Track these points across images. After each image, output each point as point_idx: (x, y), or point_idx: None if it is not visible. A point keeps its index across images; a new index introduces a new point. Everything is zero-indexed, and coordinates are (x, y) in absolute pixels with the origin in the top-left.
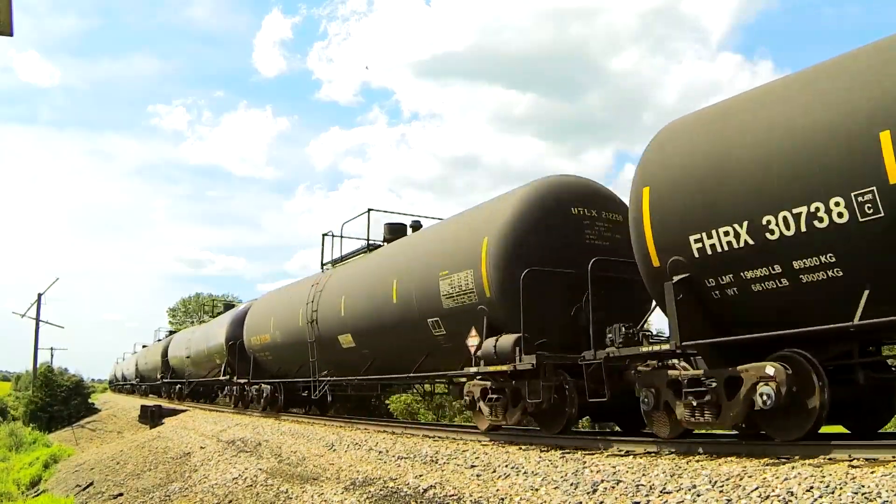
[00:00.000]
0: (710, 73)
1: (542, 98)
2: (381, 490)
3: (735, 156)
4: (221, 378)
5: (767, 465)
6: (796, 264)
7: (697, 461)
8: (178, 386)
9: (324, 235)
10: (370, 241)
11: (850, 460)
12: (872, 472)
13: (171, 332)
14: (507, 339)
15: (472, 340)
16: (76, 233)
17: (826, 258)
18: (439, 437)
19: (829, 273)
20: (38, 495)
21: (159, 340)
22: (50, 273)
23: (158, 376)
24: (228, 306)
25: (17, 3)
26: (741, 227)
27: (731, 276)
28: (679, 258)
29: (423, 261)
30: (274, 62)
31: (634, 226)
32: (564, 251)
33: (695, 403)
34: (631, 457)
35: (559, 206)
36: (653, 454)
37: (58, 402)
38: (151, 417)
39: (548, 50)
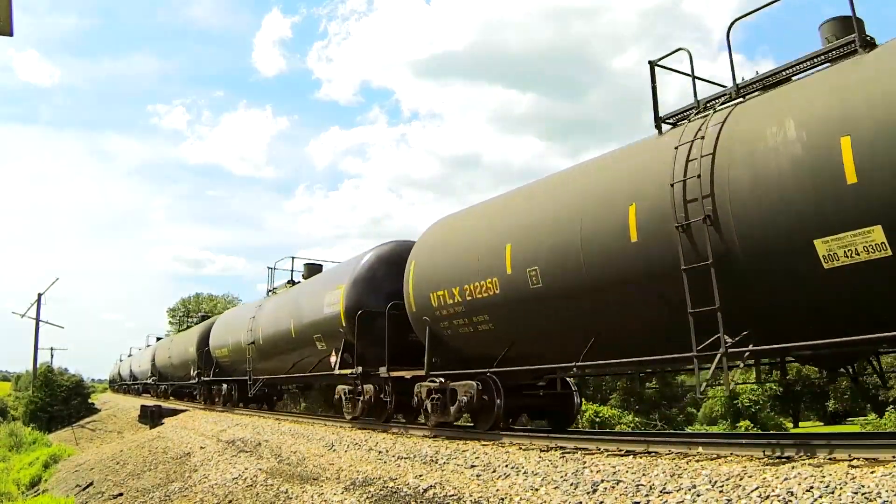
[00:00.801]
0: (711, 73)
1: (543, 97)
2: (381, 490)
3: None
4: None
5: (767, 465)
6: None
7: (697, 461)
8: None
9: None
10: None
11: (850, 460)
12: (872, 472)
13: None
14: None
15: (333, 358)
16: (76, 233)
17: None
18: (439, 437)
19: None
20: (38, 495)
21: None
22: (50, 273)
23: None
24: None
25: (16, 3)
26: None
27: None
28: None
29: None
30: (274, 62)
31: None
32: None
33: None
34: (631, 457)
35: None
36: (653, 454)
37: (58, 402)
38: (151, 417)
39: (548, 49)
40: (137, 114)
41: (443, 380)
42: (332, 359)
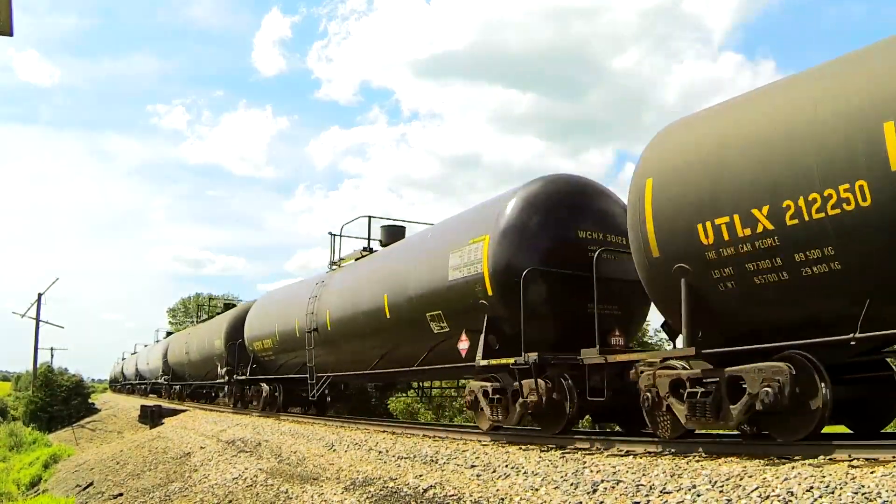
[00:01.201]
0: (712, 73)
1: (543, 97)
2: (381, 490)
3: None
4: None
5: (767, 465)
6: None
7: (697, 461)
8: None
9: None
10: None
11: (850, 460)
12: (872, 472)
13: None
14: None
15: (462, 344)
16: (76, 233)
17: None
18: (439, 437)
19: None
20: (38, 495)
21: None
22: (50, 273)
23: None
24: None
25: (16, 3)
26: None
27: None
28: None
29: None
30: (273, 61)
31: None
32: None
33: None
34: (631, 457)
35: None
36: (653, 454)
37: (58, 402)
38: (151, 417)
39: (548, 49)
40: (137, 114)
41: (708, 364)
42: (463, 344)
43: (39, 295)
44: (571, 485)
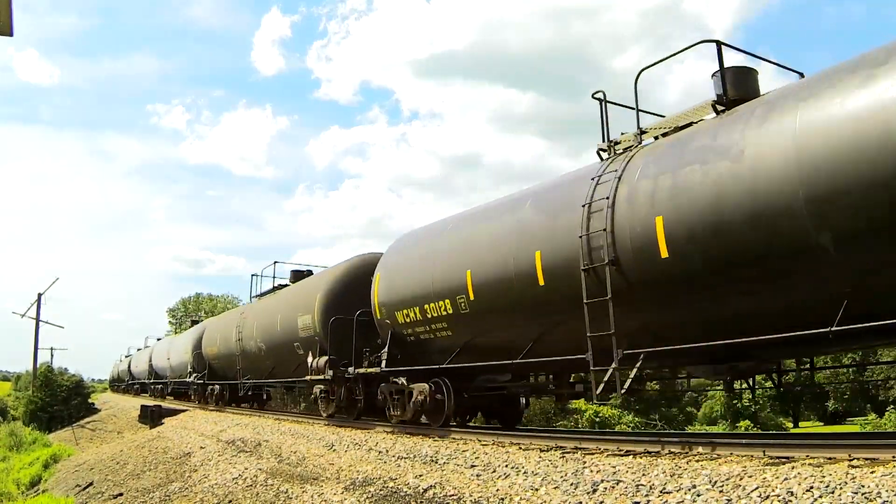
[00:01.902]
0: (712, 73)
1: (543, 97)
2: (381, 490)
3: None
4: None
5: (767, 465)
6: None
7: (697, 461)
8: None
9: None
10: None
11: (850, 460)
12: (872, 472)
13: (158, 339)
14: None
15: (310, 358)
16: (76, 233)
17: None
18: (439, 437)
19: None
20: (38, 495)
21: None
22: (50, 273)
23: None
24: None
25: (16, 2)
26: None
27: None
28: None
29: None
30: (273, 61)
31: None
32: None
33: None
34: (631, 457)
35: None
36: (653, 454)
37: (58, 402)
38: (151, 417)
39: (549, 49)
40: (137, 114)
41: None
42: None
43: (39, 295)
44: (571, 485)
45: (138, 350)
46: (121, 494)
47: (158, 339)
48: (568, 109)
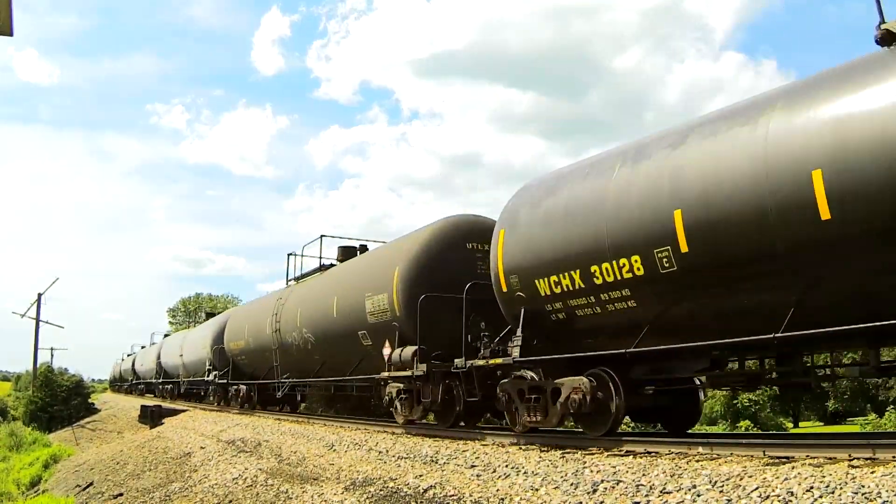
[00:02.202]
0: (713, 73)
1: (543, 97)
2: (381, 490)
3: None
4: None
5: (767, 465)
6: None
7: (697, 461)
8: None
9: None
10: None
11: (850, 460)
12: (872, 472)
13: (166, 336)
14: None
15: (387, 350)
16: (76, 233)
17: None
18: (439, 437)
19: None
20: (38, 495)
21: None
22: (50, 273)
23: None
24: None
25: (16, 2)
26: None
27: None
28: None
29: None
30: (273, 60)
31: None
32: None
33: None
34: (631, 457)
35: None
36: (653, 454)
37: (58, 402)
38: (151, 417)
39: (549, 48)
40: (137, 113)
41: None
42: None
43: (39, 295)
44: (571, 485)
45: (143, 347)
46: (121, 494)
47: (167, 335)
48: (568, 109)
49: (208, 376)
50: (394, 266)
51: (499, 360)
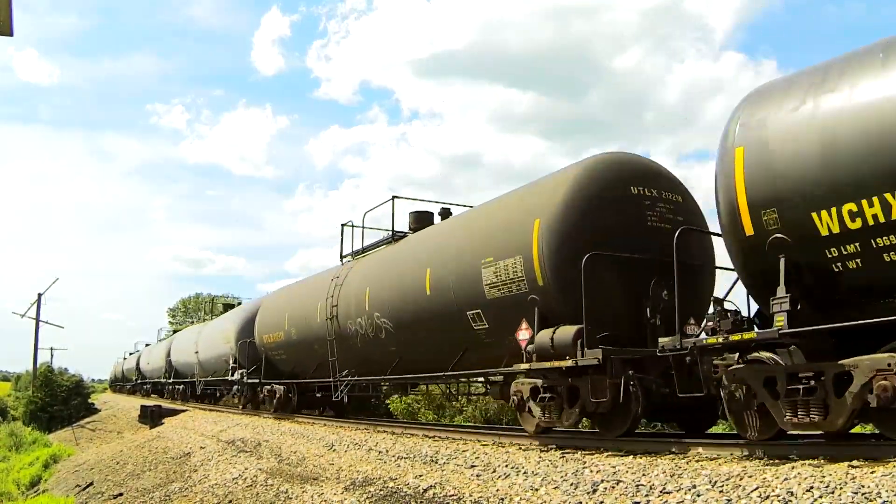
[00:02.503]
0: (713, 73)
1: (544, 97)
2: (381, 490)
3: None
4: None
5: (767, 465)
6: None
7: (697, 461)
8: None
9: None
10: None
11: (850, 460)
12: (872, 472)
13: (176, 331)
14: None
15: (524, 333)
16: (76, 233)
17: None
18: (439, 437)
19: None
20: (38, 495)
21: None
22: (50, 273)
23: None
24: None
25: (16, 2)
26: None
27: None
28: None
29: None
30: (273, 60)
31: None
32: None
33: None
34: (631, 457)
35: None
36: (653, 454)
37: (58, 402)
38: (151, 417)
39: (549, 48)
40: (137, 113)
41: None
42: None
43: (39, 295)
44: (571, 485)
45: (147, 345)
46: (121, 494)
47: (175, 332)
48: (568, 109)
49: (232, 375)
50: (531, 218)
51: (751, 336)
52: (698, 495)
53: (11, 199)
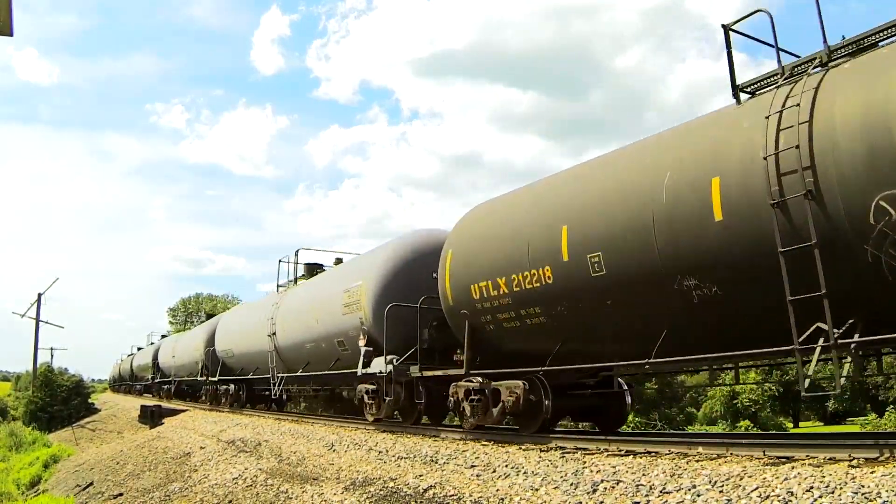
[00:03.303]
0: (714, 72)
1: (544, 96)
2: (381, 490)
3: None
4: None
5: (767, 465)
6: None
7: (697, 461)
8: (166, 386)
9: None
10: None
11: (850, 460)
12: (872, 472)
13: (163, 336)
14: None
15: (362, 342)
16: (76, 233)
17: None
18: (439, 438)
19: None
20: (38, 495)
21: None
22: (50, 273)
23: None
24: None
25: (16, 2)
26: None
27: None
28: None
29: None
30: (273, 60)
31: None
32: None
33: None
34: (631, 457)
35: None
36: (653, 454)
37: (58, 402)
38: (151, 417)
39: (549, 48)
40: (137, 113)
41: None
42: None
43: (39, 295)
44: (571, 485)
45: (139, 349)
46: (121, 494)
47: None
48: (569, 109)
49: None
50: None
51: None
52: (698, 495)
53: (11, 199)
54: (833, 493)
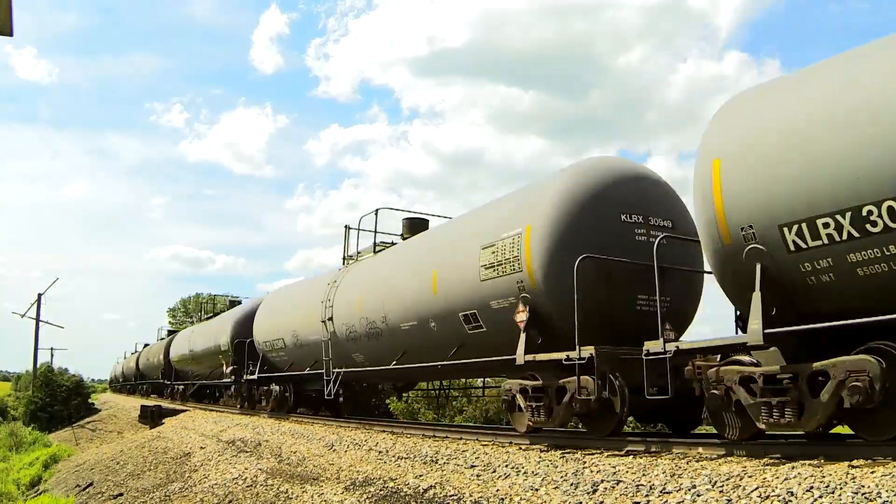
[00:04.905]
0: (716, 72)
1: (545, 96)
2: (381, 490)
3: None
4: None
5: (767, 465)
6: None
7: (697, 461)
8: (181, 386)
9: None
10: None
11: (850, 460)
12: (872, 472)
13: (172, 332)
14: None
15: (521, 315)
16: (76, 233)
17: None
18: (439, 437)
19: None
20: (38, 495)
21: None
22: (50, 273)
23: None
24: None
25: (16, 1)
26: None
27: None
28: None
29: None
30: (272, 59)
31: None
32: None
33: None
34: (631, 457)
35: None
36: (653, 454)
37: (58, 402)
38: (151, 417)
39: (550, 47)
40: (136, 112)
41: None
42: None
43: (39, 295)
44: (571, 485)
45: (146, 345)
46: (121, 494)
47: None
48: (569, 108)
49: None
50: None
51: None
52: (698, 495)
53: (11, 199)
54: (833, 493)
